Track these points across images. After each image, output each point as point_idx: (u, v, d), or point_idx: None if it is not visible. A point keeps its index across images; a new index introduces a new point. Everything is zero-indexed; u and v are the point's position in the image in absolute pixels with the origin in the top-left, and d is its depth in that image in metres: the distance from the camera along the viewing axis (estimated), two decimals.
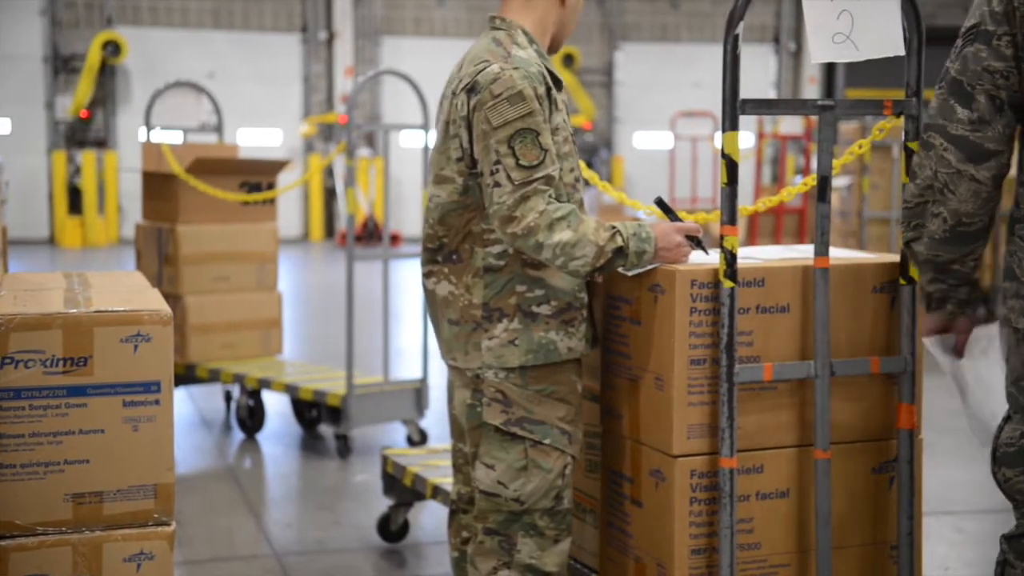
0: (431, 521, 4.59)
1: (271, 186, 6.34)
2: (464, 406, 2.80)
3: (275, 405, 6.45)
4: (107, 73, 17.63)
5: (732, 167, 2.56)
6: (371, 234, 16.32)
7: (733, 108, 2.55)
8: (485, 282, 2.67)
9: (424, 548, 4.37)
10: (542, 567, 2.74)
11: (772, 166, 18.37)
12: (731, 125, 2.56)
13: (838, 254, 2.88)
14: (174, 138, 7.32)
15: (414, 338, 8.30)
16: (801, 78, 20.24)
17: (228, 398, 6.37)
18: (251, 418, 6.02)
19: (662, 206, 2.81)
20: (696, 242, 2.71)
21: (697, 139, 15.96)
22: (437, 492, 3.95)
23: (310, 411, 6.04)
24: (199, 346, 6.07)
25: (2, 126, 17.36)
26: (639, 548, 2.76)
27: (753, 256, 2.81)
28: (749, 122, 14.30)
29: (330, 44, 18.76)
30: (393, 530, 4.36)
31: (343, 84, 18.38)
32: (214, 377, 6.03)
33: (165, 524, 2.37)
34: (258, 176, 6.31)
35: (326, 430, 6.03)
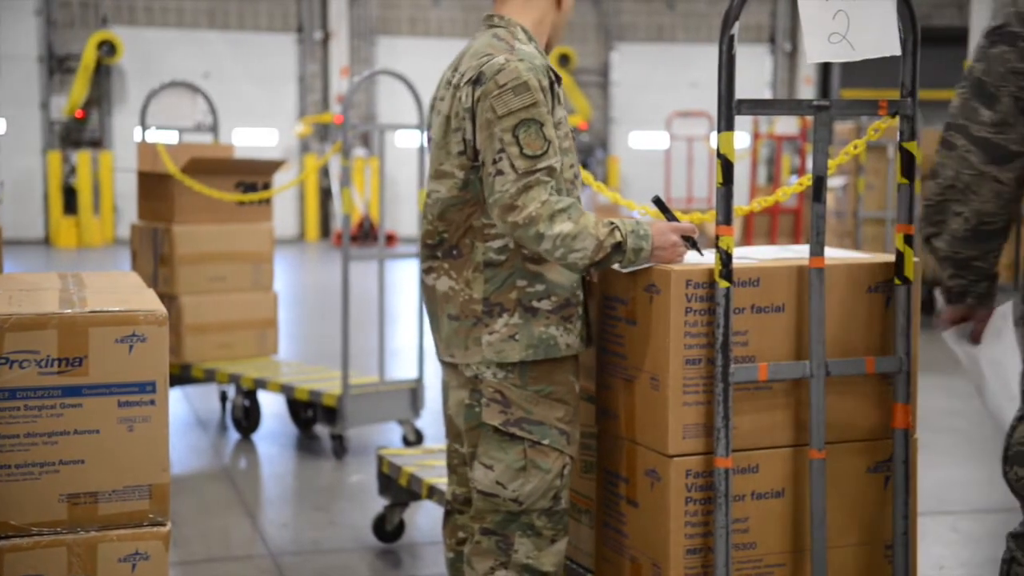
0: (427, 521, 4.59)
1: (267, 186, 6.34)
2: (461, 406, 2.79)
3: (271, 405, 6.44)
4: (102, 73, 17.62)
5: (728, 167, 2.56)
6: (367, 234, 16.32)
7: (729, 108, 2.55)
8: (485, 277, 2.67)
9: (420, 548, 4.37)
10: (539, 567, 2.74)
11: (768, 166, 18.38)
12: (727, 125, 2.56)
13: (833, 254, 2.88)
14: (169, 138, 7.31)
15: (410, 338, 8.30)
16: (797, 78, 20.26)
17: (224, 398, 6.37)
18: (247, 418, 6.02)
19: (659, 205, 2.82)
20: (692, 243, 2.71)
21: (693, 139, 15.97)
22: (433, 492, 3.95)
23: (306, 411, 6.04)
24: (195, 346, 6.07)
25: None
26: (635, 548, 2.76)
27: (748, 256, 2.81)
28: (745, 122, 14.28)
29: (326, 44, 18.75)
30: (389, 530, 4.36)
31: (339, 84, 18.38)
32: (210, 377, 6.03)
33: (160, 524, 2.37)
34: (254, 176, 6.30)
35: (322, 430, 6.03)
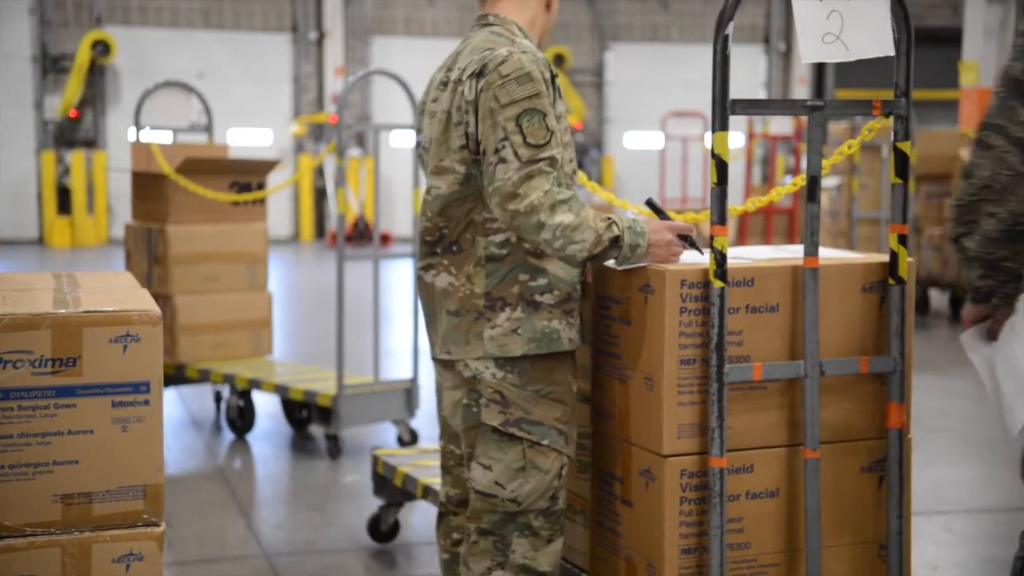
0: (421, 521, 4.58)
1: (261, 186, 6.33)
2: (458, 407, 2.79)
3: (265, 405, 6.44)
4: (96, 73, 17.59)
5: (722, 167, 2.56)
6: (361, 234, 16.30)
7: (723, 108, 2.55)
8: (487, 271, 2.67)
9: (414, 548, 4.37)
10: (536, 567, 2.74)
11: (762, 166, 18.40)
12: (721, 125, 2.56)
13: (827, 254, 2.88)
14: (164, 138, 7.30)
15: (405, 338, 8.29)
16: (791, 78, 20.28)
17: (218, 398, 6.36)
18: (241, 418, 6.01)
19: (652, 207, 2.82)
20: (690, 242, 2.71)
21: (687, 139, 15.98)
22: (427, 492, 3.95)
23: (300, 411, 6.03)
24: (189, 346, 6.06)
25: None
26: (629, 548, 2.76)
27: (743, 256, 2.82)
28: (739, 122, 14.30)
29: (320, 44, 18.74)
30: (383, 530, 4.36)
31: (333, 84, 18.37)
32: (204, 377, 6.02)
33: (154, 525, 2.36)
34: (248, 176, 6.30)
35: (316, 430, 6.02)
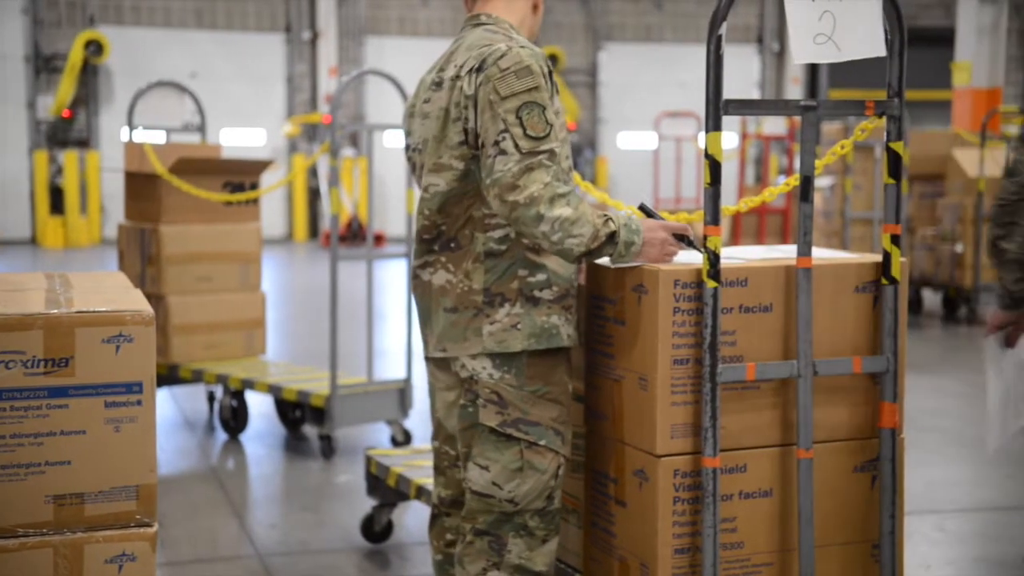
0: (415, 521, 4.58)
1: (254, 186, 6.32)
2: (453, 407, 2.79)
3: (258, 406, 6.43)
4: (89, 72, 17.56)
5: (715, 167, 2.57)
6: (355, 234, 16.30)
7: (716, 108, 2.55)
8: (486, 267, 2.67)
9: (408, 549, 4.36)
10: (532, 567, 2.74)
11: (756, 166, 18.42)
12: (714, 125, 2.56)
13: (821, 254, 2.89)
14: (157, 138, 7.29)
15: (398, 338, 8.29)
16: (784, 78, 20.30)
17: (211, 399, 6.35)
18: (234, 419, 6.01)
19: (645, 211, 2.81)
20: (687, 241, 2.71)
21: (681, 139, 15.99)
22: (421, 492, 3.95)
23: (294, 411, 6.03)
24: (182, 346, 6.05)
25: None
26: (623, 548, 2.76)
27: (736, 256, 2.82)
28: (732, 122, 14.31)
29: (314, 44, 18.72)
30: (377, 531, 4.36)
31: (327, 84, 18.35)
32: (197, 378, 6.01)
33: (147, 525, 2.36)
34: (241, 176, 6.29)
35: (310, 430, 6.02)
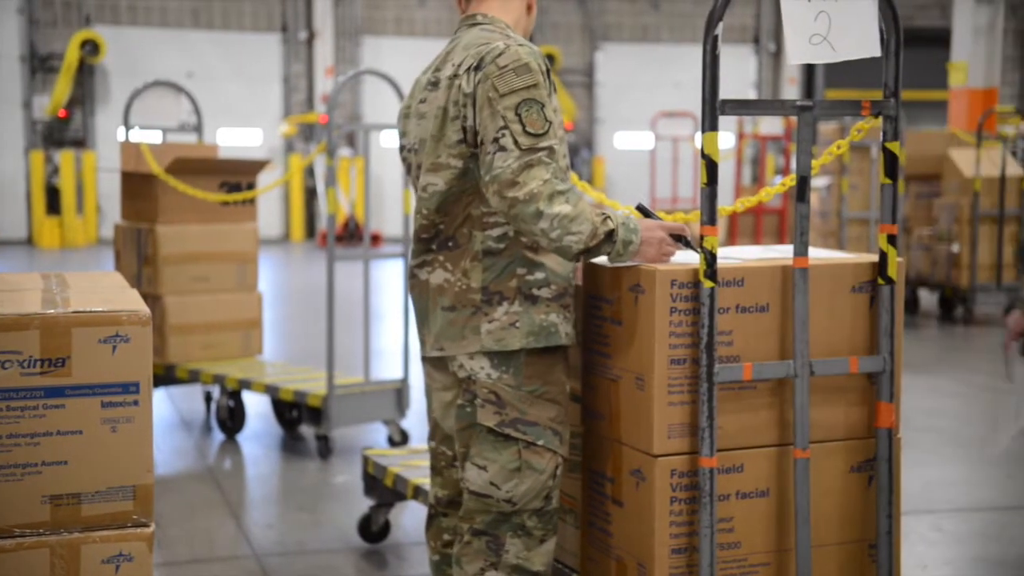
0: (412, 522, 4.58)
1: (251, 186, 6.32)
2: (451, 407, 2.79)
3: (255, 406, 6.43)
4: (85, 72, 17.54)
5: (712, 167, 2.57)
6: (352, 234, 16.29)
7: (713, 108, 2.55)
8: (484, 265, 2.67)
9: (405, 549, 4.36)
10: (529, 567, 2.74)
11: (752, 166, 18.43)
12: (711, 125, 2.56)
13: (817, 254, 2.89)
14: (153, 138, 7.28)
15: (395, 338, 8.29)
16: (781, 79, 20.31)
17: (208, 399, 6.35)
18: (231, 419, 6.00)
19: (643, 211, 2.82)
20: (684, 241, 2.71)
21: (678, 139, 16.00)
22: (418, 492, 3.95)
23: (291, 412, 6.03)
24: (179, 347, 6.05)
25: None
26: (620, 548, 2.76)
27: (733, 256, 2.82)
28: (729, 122, 14.32)
29: (310, 44, 18.71)
30: (374, 531, 4.36)
31: (323, 84, 18.35)
32: (194, 378, 6.01)
33: (144, 525, 2.35)
34: (238, 176, 6.29)
35: (307, 431, 6.01)
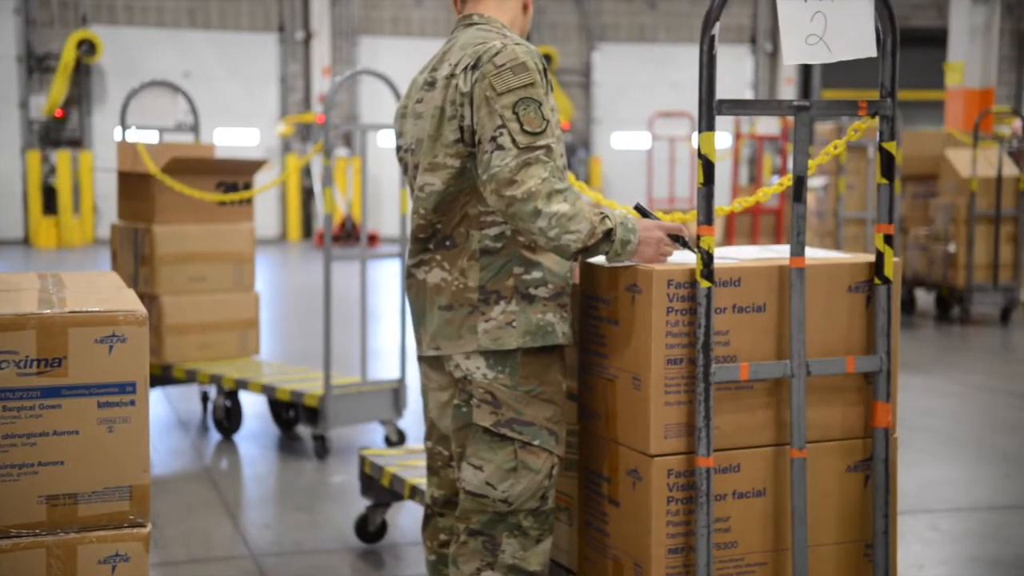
0: (409, 522, 4.58)
1: (248, 186, 6.32)
2: (447, 407, 2.78)
3: (252, 406, 6.43)
4: (82, 72, 17.53)
5: (709, 167, 2.57)
6: (349, 234, 16.29)
7: (709, 108, 2.56)
8: (481, 264, 2.67)
9: (402, 549, 4.36)
10: (526, 567, 2.74)
11: (749, 166, 18.44)
12: (708, 125, 2.57)
13: (814, 254, 2.89)
14: (150, 138, 7.27)
15: (392, 338, 8.29)
16: (778, 79, 20.33)
17: (205, 399, 6.34)
18: (228, 419, 6.00)
19: (640, 211, 2.82)
20: (682, 242, 2.71)
21: (674, 139, 16.01)
22: (415, 492, 3.94)
23: (287, 412, 6.02)
24: (175, 347, 6.04)
25: None
26: (616, 548, 2.76)
27: (729, 256, 2.82)
28: (726, 122, 14.33)
29: (307, 44, 18.71)
30: (371, 531, 4.36)
31: (320, 84, 18.34)
32: (191, 378, 6.00)
33: (141, 526, 2.35)
34: (235, 176, 6.28)
35: (304, 431, 6.01)
